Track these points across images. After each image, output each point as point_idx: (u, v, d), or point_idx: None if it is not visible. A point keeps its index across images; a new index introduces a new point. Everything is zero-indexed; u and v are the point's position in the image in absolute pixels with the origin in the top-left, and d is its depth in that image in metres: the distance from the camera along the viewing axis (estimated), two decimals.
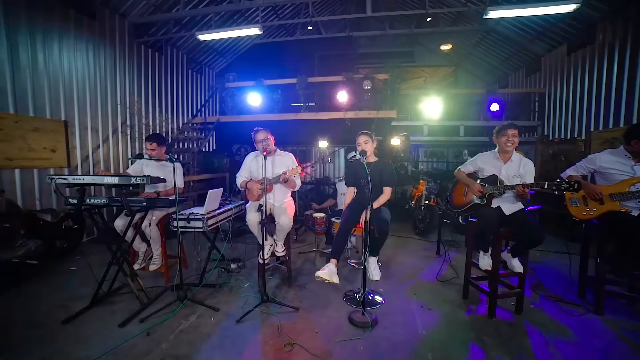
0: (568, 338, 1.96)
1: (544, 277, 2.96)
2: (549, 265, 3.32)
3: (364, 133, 2.45)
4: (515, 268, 2.17)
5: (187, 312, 2.33)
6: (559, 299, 2.44)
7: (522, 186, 2.01)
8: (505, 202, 2.23)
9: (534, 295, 2.58)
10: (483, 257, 2.26)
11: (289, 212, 2.51)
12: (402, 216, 5.90)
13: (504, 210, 2.21)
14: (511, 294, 2.26)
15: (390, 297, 2.61)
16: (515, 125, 2.22)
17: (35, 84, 3.59)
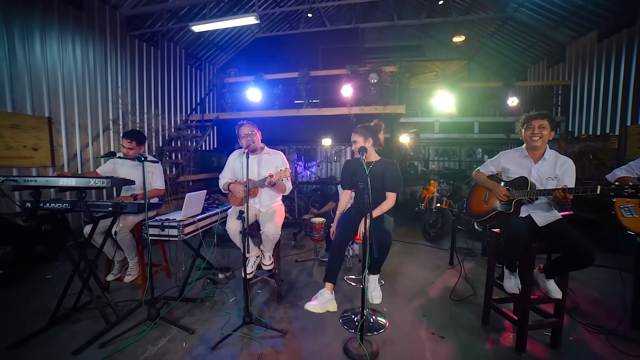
0: None
1: (582, 299, 2.50)
2: (586, 282, 2.83)
3: (363, 127, 2.06)
4: (550, 293, 1.74)
5: (158, 333, 2.01)
6: (607, 331, 1.99)
7: (562, 191, 1.58)
8: (537, 211, 1.81)
9: (571, 322, 2.14)
10: (509, 277, 1.84)
11: (276, 220, 2.16)
12: (411, 219, 5.49)
13: (536, 221, 1.79)
14: (546, 324, 1.83)
15: (395, 319, 2.22)
16: (543, 114, 1.80)
17: (13, 78, 3.36)
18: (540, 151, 1.84)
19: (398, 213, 6.44)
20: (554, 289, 1.74)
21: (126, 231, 2.35)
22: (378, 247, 1.93)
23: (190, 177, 5.16)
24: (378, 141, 2.14)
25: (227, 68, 7.74)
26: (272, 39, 7.77)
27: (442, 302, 2.48)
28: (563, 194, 1.57)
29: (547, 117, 1.81)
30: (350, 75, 5.56)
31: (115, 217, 2.19)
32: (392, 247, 3.99)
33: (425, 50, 9.28)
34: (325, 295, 1.82)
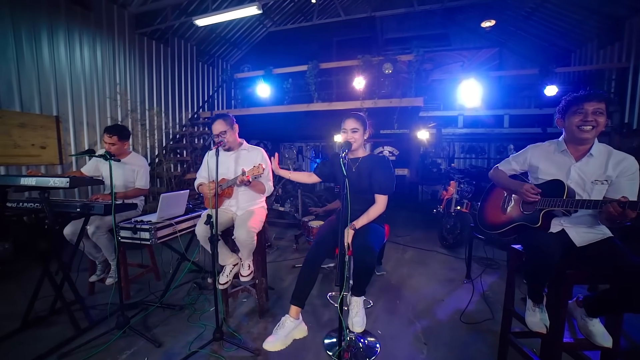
0: None
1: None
2: None
3: (354, 116, 1.72)
4: (594, 337, 1.29)
5: (124, 344, 1.86)
6: None
7: (619, 204, 1.10)
8: (576, 225, 1.37)
9: None
10: (533, 310, 1.42)
11: (250, 223, 1.90)
12: (428, 222, 5.01)
13: (573, 238, 1.34)
14: None
15: (389, 345, 1.88)
16: (600, 94, 1.32)
17: (22, 78, 3.45)
18: (587, 145, 1.37)
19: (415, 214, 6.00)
20: (599, 332, 1.29)
21: (103, 231, 2.24)
22: (357, 268, 1.61)
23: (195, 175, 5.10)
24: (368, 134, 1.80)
25: (241, 64, 7.67)
26: (285, 32, 7.55)
27: (451, 327, 2.08)
28: (620, 210, 1.10)
29: (605, 100, 1.32)
30: (362, 66, 5.18)
31: (87, 218, 2.07)
32: (403, 254, 3.68)
33: (451, 38, 8.55)
34: (287, 326, 1.54)
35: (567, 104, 1.38)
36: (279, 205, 5.17)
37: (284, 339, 1.51)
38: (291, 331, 1.54)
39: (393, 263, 3.30)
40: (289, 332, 1.53)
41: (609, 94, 1.17)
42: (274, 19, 7.22)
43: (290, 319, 1.56)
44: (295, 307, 1.59)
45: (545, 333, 1.34)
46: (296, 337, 1.56)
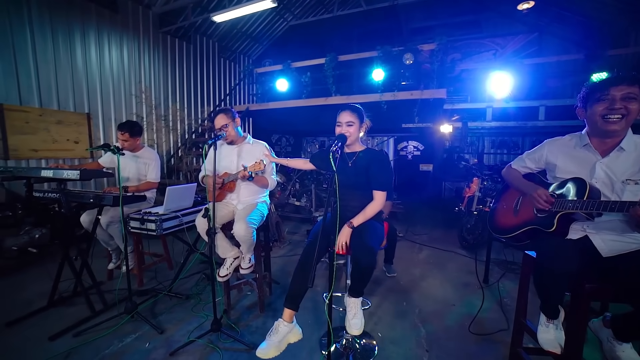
0: None
1: None
2: None
3: (349, 109, 1.62)
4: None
5: (130, 329, 1.96)
6: None
7: None
8: (603, 232, 1.17)
9: None
10: (546, 326, 1.25)
11: (249, 218, 1.88)
12: (449, 221, 4.74)
13: (599, 247, 1.15)
14: None
15: (388, 349, 1.79)
16: (632, 77, 1.10)
17: (59, 79, 3.74)
18: (616, 138, 1.17)
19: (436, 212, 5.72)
20: (629, 357, 1.10)
21: (116, 221, 2.37)
22: (355, 268, 1.52)
23: None
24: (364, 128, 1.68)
25: (262, 59, 7.75)
26: (306, 26, 7.48)
27: (459, 335, 1.93)
28: None
29: (638, 82, 1.10)
30: (382, 57, 4.97)
31: (100, 208, 2.20)
32: (418, 254, 3.52)
33: (483, 25, 7.93)
34: (281, 331, 1.49)
35: (589, 90, 1.18)
36: (295, 200, 5.19)
37: (278, 344, 1.47)
38: (285, 336, 1.50)
39: (405, 263, 3.16)
40: (282, 337, 1.49)
41: None
42: (295, 12, 7.17)
43: (284, 323, 1.51)
44: (289, 311, 1.53)
45: (560, 354, 1.17)
46: (291, 341, 1.52)
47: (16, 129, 3.34)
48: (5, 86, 3.25)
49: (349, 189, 1.64)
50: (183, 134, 5.56)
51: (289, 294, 1.55)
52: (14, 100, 3.33)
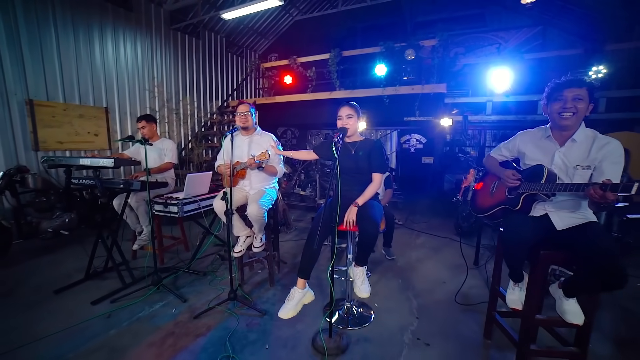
0: None
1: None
2: None
3: (348, 104, 1.85)
4: (566, 315, 1.35)
5: (157, 298, 2.25)
6: None
7: (601, 187, 1.11)
8: (559, 210, 1.39)
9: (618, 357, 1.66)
10: (512, 288, 1.50)
11: (260, 201, 2.14)
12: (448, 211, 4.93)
13: (555, 222, 1.38)
14: (557, 353, 1.45)
15: (382, 316, 2.05)
16: (581, 81, 1.32)
17: (80, 75, 4.00)
18: (570, 131, 1.38)
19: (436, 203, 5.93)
20: (571, 310, 1.34)
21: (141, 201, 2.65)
22: (362, 238, 1.77)
23: None
24: None
25: (268, 54, 7.92)
26: (311, 21, 7.60)
27: (445, 306, 2.18)
28: (601, 192, 1.11)
29: (587, 85, 1.32)
30: (384, 53, 5.13)
31: (128, 193, 2.47)
32: (415, 240, 3.76)
33: (487, 19, 7.95)
34: (296, 296, 1.75)
35: (550, 90, 1.39)
36: (300, 189, 5.44)
37: (295, 307, 1.75)
38: (300, 300, 1.77)
39: (403, 247, 3.40)
40: (297, 301, 1.76)
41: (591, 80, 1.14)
42: (300, 7, 7.30)
43: (298, 290, 1.78)
44: (302, 280, 1.80)
45: (520, 309, 1.41)
46: (305, 302, 1.80)
47: (44, 122, 3.62)
48: (35, 83, 3.53)
49: (351, 174, 1.88)
50: (193, 126, 5.82)
51: (300, 266, 1.81)
52: (42, 96, 3.60)
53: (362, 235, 1.75)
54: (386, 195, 3.20)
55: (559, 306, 1.39)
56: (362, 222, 1.73)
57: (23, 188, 2.94)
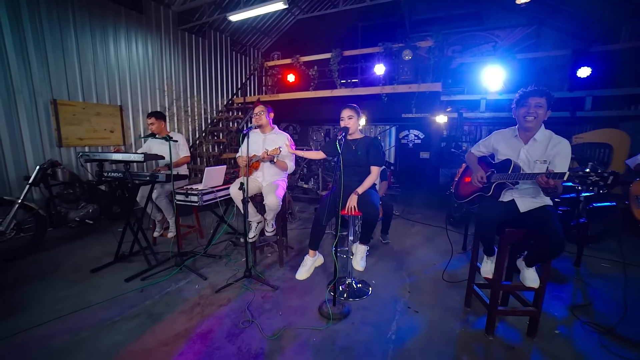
0: None
1: (602, 298, 2.24)
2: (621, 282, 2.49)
3: (348, 107, 2.14)
4: (526, 281, 1.67)
5: (181, 277, 2.56)
6: (607, 330, 1.82)
7: (546, 176, 1.45)
8: (523, 196, 1.70)
9: (571, 317, 1.98)
10: (486, 261, 1.82)
11: (277, 193, 2.44)
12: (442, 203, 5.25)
13: (519, 206, 1.68)
14: (519, 311, 1.77)
15: (379, 290, 2.37)
16: (541, 90, 1.61)
17: (97, 75, 4.26)
18: (532, 132, 1.68)
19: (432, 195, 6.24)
20: (530, 277, 1.65)
21: (163, 196, 2.94)
22: (365, 220, 2.07)
23: (231, 154, 5.80)
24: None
25: (271, 51, 8.15)
26: (312, 19, 7.80)
27: (434, 283, 2.50)
28: (545, 180, 1.45)
29: (546, 95, 1.63)
30: (383, 53, 5.38)
31: (153, 185, 2.77)
32: (411, 229, 4.08)
33: (484, 17, 8.16)
34: (308, 262, 2.10)
35: (518, 97, 1.68)
36: (303, 183, 5.74)
37: (308, 270, 2.14)
38: (312, 264, 2.16)
39: (399, 235, 3.72)
40: (310, 266, 2.15)
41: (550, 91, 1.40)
42: (302, 6, 7.50)
43: (310, 258, 2.16)
44: (312, 251, 2.16)
45: (491, 277, 1.72)
46: (317, 265, 2.18)
47: (66, 120, 3.90)
48: (58, 84, 3.79)
49: (352, 166, 2.18)
50: (201, 123, 6.08)
51: (310, 241, 2.14)
52: (64, 95, 3.87)
53: (365, 218, 2.06)
54: (382, 186, 3.50)
55: (521, 275, 1.70)
56: (364, 207, 2.03)
57: (53, 181, 3.23)
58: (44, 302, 2.13)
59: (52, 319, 1.93)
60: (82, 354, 1.63)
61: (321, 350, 1.68)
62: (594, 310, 2.06)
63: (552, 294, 2.28)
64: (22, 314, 1.98)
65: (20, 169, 3.52)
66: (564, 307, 2.09)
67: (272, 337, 1.79)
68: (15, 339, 1.74)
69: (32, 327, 1.84)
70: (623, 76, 5.35)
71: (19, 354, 1.64)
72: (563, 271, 2.69)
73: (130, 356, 1.63)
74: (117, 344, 1.72)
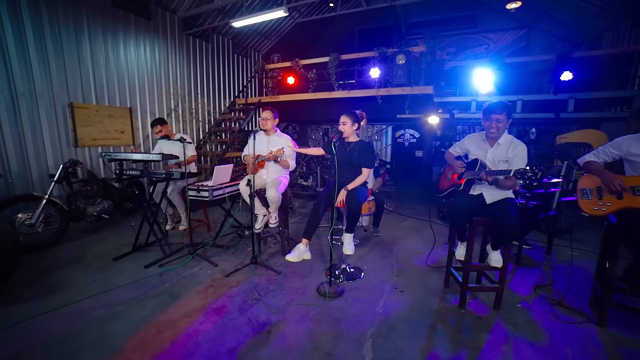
0: (536, 341, 1.77)
1: (563, 279, 2.56)
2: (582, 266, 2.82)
3: (345, 113, 2.44)
4: (492, 262, 1.99)
5: (194, 264, 2.87)
6: (560, 304, 2.14)
7: (486, 174, 1.82)
8: (489, 189, 2.01)
9: (533, 294, 2.31)
10: (460, 246, 2.14)
11: (277, 188, 2.75)
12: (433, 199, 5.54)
13: (486, 198, 2.00)
14: (486, 288, 2.09)
15: (370, 275, 2.68)
16: (501, 108, 1.93)
17: (108, 79, 4.53)
18: (497, 138, 2.00)
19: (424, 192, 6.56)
20: (494, 258, 1.98)
21: (176, 192, 3.24)
22: (349, 213, 2.38)
23: (234, 153, 6.10)
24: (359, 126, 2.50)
25: (271, 54, 8.42)
26: (311, 23, 8.08)
27: (419, 268, 2.82)
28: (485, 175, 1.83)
29: (505, 110, 1.95)
30: (378, 57, 5.67)
31: (168, 181, 3.06)
32: (402, 222, 4.40)
33: (477, 20, 8.44)
34: (301, 249, 2.36)
35: (484, 111, 1.99)
36: (302, 180, 6.04)
37: (298, 256, 2.33)
38: (302, 254, 2.36)
39: (391, 228, 4.03)
40: (300, 253, 2.35)
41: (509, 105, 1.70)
42: (301, 10, 7.76)
43: (302, 246, 2.38)
44: (305, 239, 2.40)
45: (463, 259, 2.04)
46: (305, 258, 2.38)
47: (82, 122, 4.18)
48: (74, 88, 4.06)
49: (346, 166, 2.48)
50: (205, 123, 6.37)
51: (305, 230, 2.41)
52: (79, 99, 4.15)
53: (349, 210, 2.37)
54: (377, 182, 3.81)
55: (488, 257, 2.02)
56: (349, 202, 2.34)
57: (74, 178, 3.51)
58: (77, 284, 2.44)
59: (88, 297, 2.23)
60: (119, 323, 1.94)
61: (319, 321, 1.99)
62: (553, 288, 2.39)
63: (521, 277, 2.60)
64: (62, 292, 2.29)
65: (40, 168, 3.80)
66: (529, 287, 2.41)
67: (276, 311, 2.10)
68: (61, 312, 2.05)
69: (73, 302, 2.15)
70: (605, 80, 5.66)
71: (72, 321, 1.95)
72: (535, 258, 3.01)
73: (159, 324, 1.94)
74: (146, 315, 2.03)
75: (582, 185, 1.93)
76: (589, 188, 1.90)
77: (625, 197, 1.75)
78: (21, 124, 3.58)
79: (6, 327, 1.88)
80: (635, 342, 1.77)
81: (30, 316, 1.98)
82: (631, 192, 1.72)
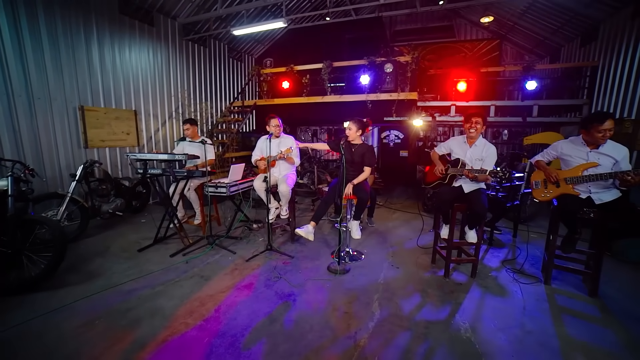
0: (501, 297, 2.31)
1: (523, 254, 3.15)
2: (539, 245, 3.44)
3: (352, 120, 2.90)
4: (469, 238, 2.52)
5: (214, 252, 3.22)
6: (520, 272, 2.71)
7: (468, 171, 2.35)
8: (466, 182, 2.53)
9: (501, 266, 2.86)
10: (444, 227, 2.64)
11: (287, 182, 3.17)
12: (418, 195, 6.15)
13: (464, 189, 2.52)
14: (464, 260, 2.61)
15: (370, 257, 3.15)
16: (479, 113, 2.45)
17: (115, 83, 4.73)
18: (474, 139, 2.52)
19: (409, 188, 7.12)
20: (470, 236, 2.51)
21: (192, 190, 3.56)
22: (357, 202, 2.84)
23: (233, 154, 6.40)
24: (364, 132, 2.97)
25: (264, 58, 8.74)
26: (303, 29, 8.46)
27: (411, 249, 3.32)
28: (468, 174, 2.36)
29: (481, 116, 2.47)
30: (368, 65, 6.18)
31: (188, 180, 3.39)
32: (392, 215, 4.90)
33: (455, 30, 9.20)
34: (309, 228, 2.74)
35: (465, 116, 2.50)
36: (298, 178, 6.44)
37: (306, 232, 2.68)
38: (309, 232, 2.70)
39: (383, 220, 4.53)
40: (309, 231, 2.69)
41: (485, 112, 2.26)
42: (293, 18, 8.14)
43: (310, 227, 2.74)
44: (313, 222, 2.80)
45: (447, 238, 2.55)
46: (309, 238, 2.73)
47: (91, 124, 4.37)
48: (84, 92, 4.25)
49: (351, 164, 2.93)
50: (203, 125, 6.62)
51: (315, 214, 2.84)
52: (89, 102, 4.33)
53: (358, 201, 2.83)
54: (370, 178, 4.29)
55: (466, 235, 2.55)
56: (358, 193, 2.80)
57: (91, 177, 3.74)
58: (114, 270, 2.73)
59: (127, 281, 2.55)
60: (165, 298, 2.28)
61: (333, 290, 2.43)
62: (516, 261, 2.96)
63: (493, 254, 3.17)
64: (104, 277, 2.59)
65: (54, 168, 3.98)
66: (498, 261, 2.97)
67: (297, 285, 2.51)
68: (111, 292, 2.36)
69: (118, 284, 2.46)
70: (563, 89, 6.48)
71: (124, 298, 2.26)
72: (504, 240, 3.61)
73: (200, 298, 2.30)
74: (186, 293, 2.38)
75: (534, 178, 2.50)
76: (538, 180, 2.47)
77: (561, 186, 2.32)
78: (37, 126, 3.76)
79: (64, 305, 2.17)
80: (568, 292, 2.38)
81: (84, 295, 2.28)
82: (564, 182, 2.30)
